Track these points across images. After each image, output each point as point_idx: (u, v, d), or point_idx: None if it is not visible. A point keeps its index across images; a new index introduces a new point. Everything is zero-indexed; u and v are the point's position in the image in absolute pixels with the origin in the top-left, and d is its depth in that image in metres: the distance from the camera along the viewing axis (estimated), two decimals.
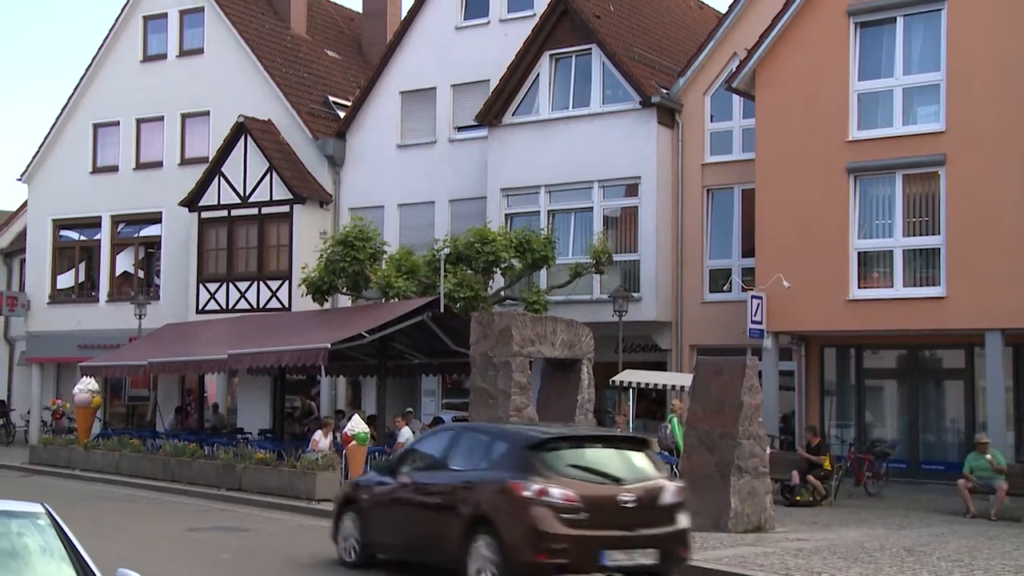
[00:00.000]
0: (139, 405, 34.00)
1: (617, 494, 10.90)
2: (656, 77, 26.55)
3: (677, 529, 11.21)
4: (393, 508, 12.53)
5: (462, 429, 13.46)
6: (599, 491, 10.92)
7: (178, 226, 31.97)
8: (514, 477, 10.87)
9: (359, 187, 30.28)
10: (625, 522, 10.81)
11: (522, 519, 10.60)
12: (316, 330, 23.35)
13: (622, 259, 25.73)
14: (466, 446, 12.14)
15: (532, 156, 26.84)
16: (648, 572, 11.02)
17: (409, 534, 12.21)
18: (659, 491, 11.19)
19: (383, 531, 12.58)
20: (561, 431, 12.43)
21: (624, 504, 10.84)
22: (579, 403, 18.33)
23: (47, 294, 35.42)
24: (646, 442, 12.30)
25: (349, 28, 37.66)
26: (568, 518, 10.57)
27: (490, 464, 11.51)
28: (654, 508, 11.08)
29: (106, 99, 34.24)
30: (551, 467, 10.94)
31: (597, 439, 12.22)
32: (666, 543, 11.05)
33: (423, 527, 11.99)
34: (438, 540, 11.60)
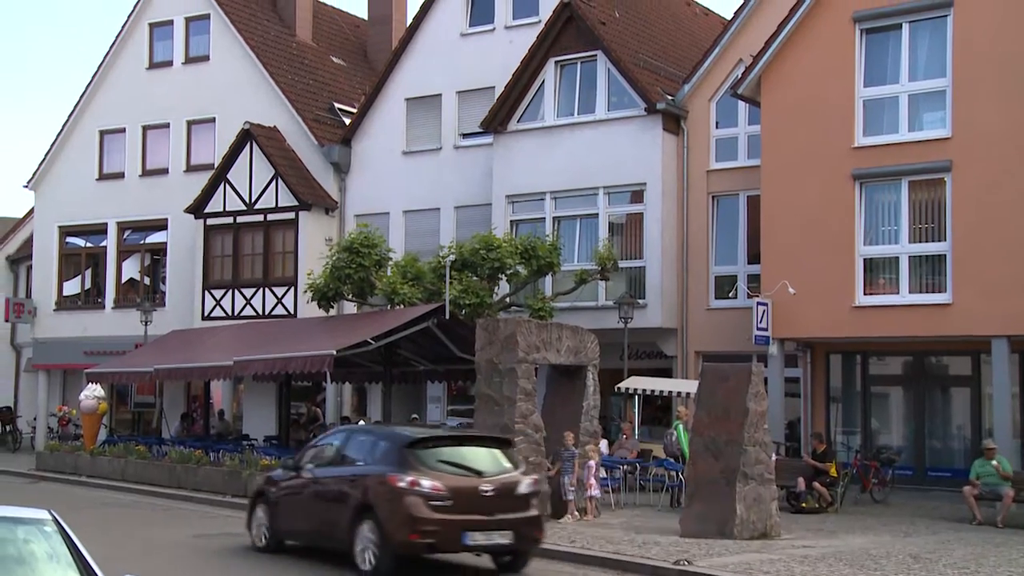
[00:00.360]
0: (145, 412, 34.03)
1: (478, 485, 12.80)
2: (661, 83, 26.56)
3: (531, 515, 13.06)
4: (296, 499, 14.37)
5: (354, 430, 15.50)
6: (463, 482, 12.78)
7: (184, 233, 32.02)
8: (392, 471, 12.73)
9: (364, 194, 30.32)
10: (485, 508, 12.62)
11: (397, 506, 12.46)
12: (321, 337, 23.35)
13: (627, 266, 25.72)
14: (356, 444, 14.13)
15: (537, 163, 26.85)
16: (505, 551, 13.09)
17: (309, 521, 14.07)
18: (515, 483, 13.04)
19: (288, 519, 14.47)
20: (432, 432, 15.01)
21: (484, 493, 12.72)
22: (584, 410, 18.34)
23: (53, 301, 35.48)
24: (508, 441, 14.47)
25: (354, 35, 37.72)
26: (436, 505, 12.42)
27: (374, 460, 13.32)
28: (511, 497, 12.89)
29: (112, 106, 34.33)
30: (423, 462, 12.83)
31: (464, 439, 14.53)
32: (521, 526, 12.92)
33: (320, 515, 13.84)
34: (332, 526, 13.38)
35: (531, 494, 13.14)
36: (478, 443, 14.06)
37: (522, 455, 17.15)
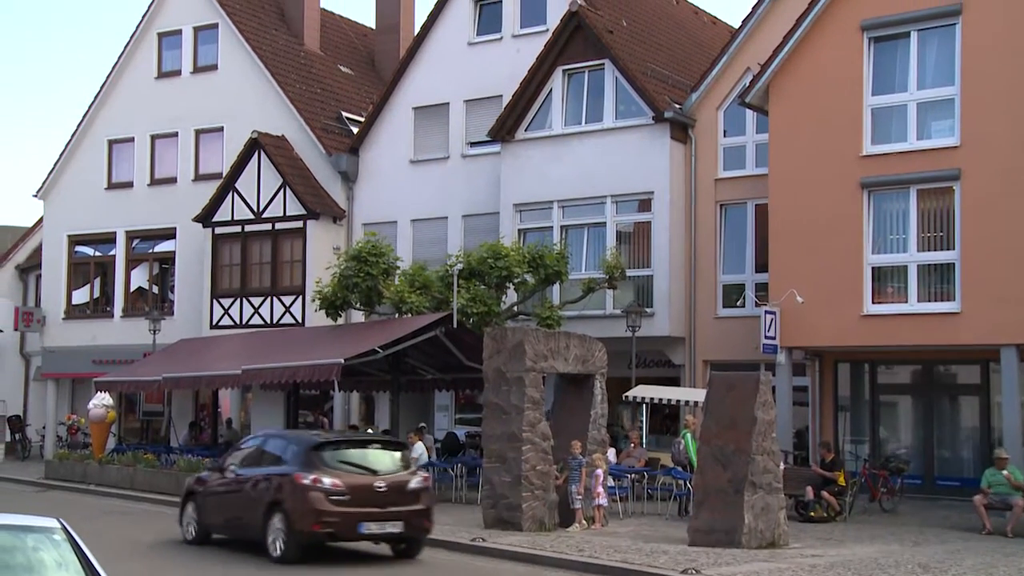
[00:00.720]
0: (153, 420, 34.07)
1: (373, 482, 14.76)
2: (669, 92, 26.57)
3: (419, 508, 15.02)
4: (220, 496, 16.16)
5: (270, 435, 17.14)
6: (359, 480, 14.74)
7: (192, 242, 32.09)
8: (298, 470, 14.67)
9: (372, 202, 30.36)
10: (379, 502, 14.59)
11: (302, 501, 14.36)
12: (329, 345, 23.39)
13: (635, 274, 25.72)
14: (271, 447, 16.01)
15: (545, 171, 26.87)
16: (397, 539, 15.10)
17: (230, 515, 15.93)
18: (406, 480, 15.10)
19: (213, 515, 16.24)
20: (334, 436, 17.43)
21: (378, 489, 14.66)
22: (592, 418, 18.33)
23: (62, 310, 35.57)
24: (402, 444, 17.03)
25: (362, 44, 37.81)
26: (335, 499, 14.35)
27: (284, 461, 15.21)
28: (402, 492, 14.85)
29: (121, 115, 34.44)
30: (326, 463, 14.80)
31: (364, 442, 16.74)
32: (410, 517, 14.84)
33: (239, 510, 15.66)
34: (248, 519, 15.22)
35: (420, 490, 15.14)
36: (376, 446, 16.23)
37: (529, 464, 17.21)
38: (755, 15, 25.63)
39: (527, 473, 17.27)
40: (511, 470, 17.34)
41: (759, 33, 25.35)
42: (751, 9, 25.86)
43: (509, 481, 17.36)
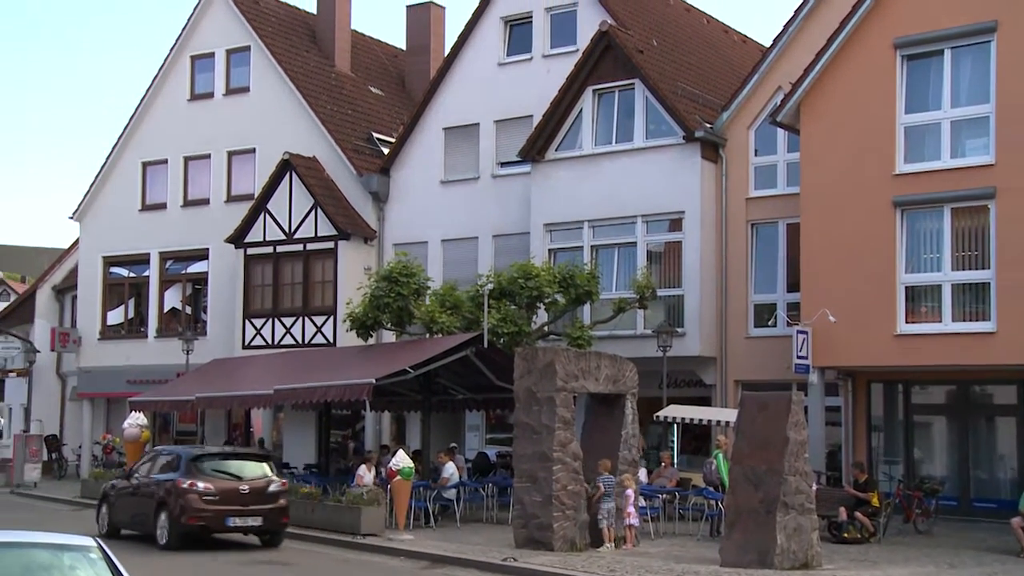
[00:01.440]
0: (187, 440, 34.20)
1: (239, 486, 18.51)
2: (700, 112, 26.55)
3: (277, 506, 18.64)
4: (125, 498, 19.74)
5: (165, 450, 21.24)
6: (227, 484, 18.46)
7: (225, 262, 32.31)
8: (180, 477, 18.40)
9: (403, 223, 30.46)
10: (243, 501, 18.35)
11: (181, 500, 18.12)
12: (361, 365, 23.45)
13: (666, 294, 25.66)
14: (163, 459, 19.82)
15: (575, 191, 26.88)
16: (257, 531, 18.66)
17: (133, 513, 19.48)
18: (267, 484, 18.66)
19: (120, 513, 19.84)
20: (210, 450, 21.05)
21: (242, 491, 18.45)
22: (623, 438, 18.27)
23: (98, 330, 35.89)
24: (268, 456, 20.66)
25: (393, 65, 38.03)
26: (207, 499, 18.16)
27: (171, 470, 18.91)
28: (262, 494, 18.53)
29: (155, 138, 34.78)
30: (202, 471, 18.57)
31: (235, 455, 20.74)
32: (269, 514, 18.50)
33: (138, 508, 19.23)
34: (145, 516, 18.86)
35: (279, 492, 18.81)
36: (244, 458, 20.27)
37: (560, 484, 17.17)
38: (786, 34, 25.58)
39: (558, 493, 17.24)
40: (542, 490, 17.31)
41: (790, 52, 25.28)
42: (782, 28, 25.81)
43: (540, 501, 17.33)
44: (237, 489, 18.46)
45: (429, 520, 21.43)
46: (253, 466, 19.37)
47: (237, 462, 19.62)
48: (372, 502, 19.94)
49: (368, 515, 19.70)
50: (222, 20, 33.65)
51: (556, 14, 28.93)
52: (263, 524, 18.53)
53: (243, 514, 18.37)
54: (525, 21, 29.33)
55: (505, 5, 29.46)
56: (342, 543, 19.29)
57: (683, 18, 33.19)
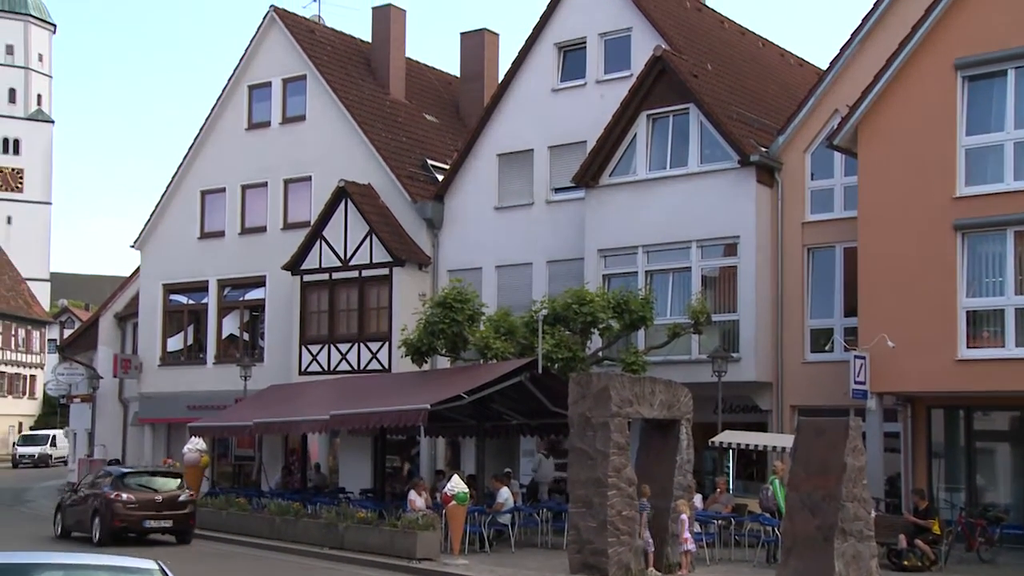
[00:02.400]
0: (245, 464, 34.58)
1: (154, 496, 23.34)
2: (755, 135, 26.42)
3: (185, 512, 23.44)
4: (73, 507, 24.64)
5: (101, 471, 27.07)
6: (145, 495, 23.30)
7: (281, 289, 32.63)
8: (109, 490, 23.29)
9: (457, 249, 30.59)
10: (157, 508, 23.19)
11: (109, 508, 22.92)
12: (416, 391, 23.55)
13: (721, 319, 25.48)
14: (101, 476, 24.97)
15: (630, 216, 26.83)
16: (169, 531, 23.40)
17: (78, 518, 24.25)
18: (177, 495, 23.53)
19: (70, 518, 24.69)
20: (134, 469, 26.72)
21: (157, 501, 23.24)
22: (678, 464, 18.16)
23: (158, 357, 36.39)
24: (178, 474, 25.09)
25: (447, 92, 38.30)
26: (129, 507, 22.96)
27: (104, 485, 23.77)
28: (173, 503, 23.36)
29: (213, 167, 35.30)
30: (126, 485, 23.53)
31: (152, 472, 25.78)
32: (178, 517, 23.35)
33: (80, 515, 24.05)
34: (85, 520, 23.73)
35: (187, 501, 23.60)
36: (161, 475, 25.03)
37: (615, 509, 17.09)
38: (843, 56, 25.36)
39: (613, 518, 17.15)
40: (597, 515, 17.23)
41: (848, 74, 25.07)
42: (839, 50, 25.58)
43: (595, 526, 17.25)
44: (153, 499, 23.32)
45: (484, 545, 21.41)
46: (167, 481, 24.32)
47: (154, 478, 24.65)
48: (427, 527, 19.98)
49: (423, 540, 19.74)
50: (279, 50, 34.14)
51: (610, 39, 28.99)
52: (173, 525, 23.44)
53: (157, 518, 23.25)
54: (579, 47, 29.41)
55: (559, 31, 29.58)
56: (398, 567, 19.35)
57: (738, 42, 33.12)
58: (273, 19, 34.18)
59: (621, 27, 28.72)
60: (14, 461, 61.93)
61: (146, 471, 26.32)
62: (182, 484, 24.14)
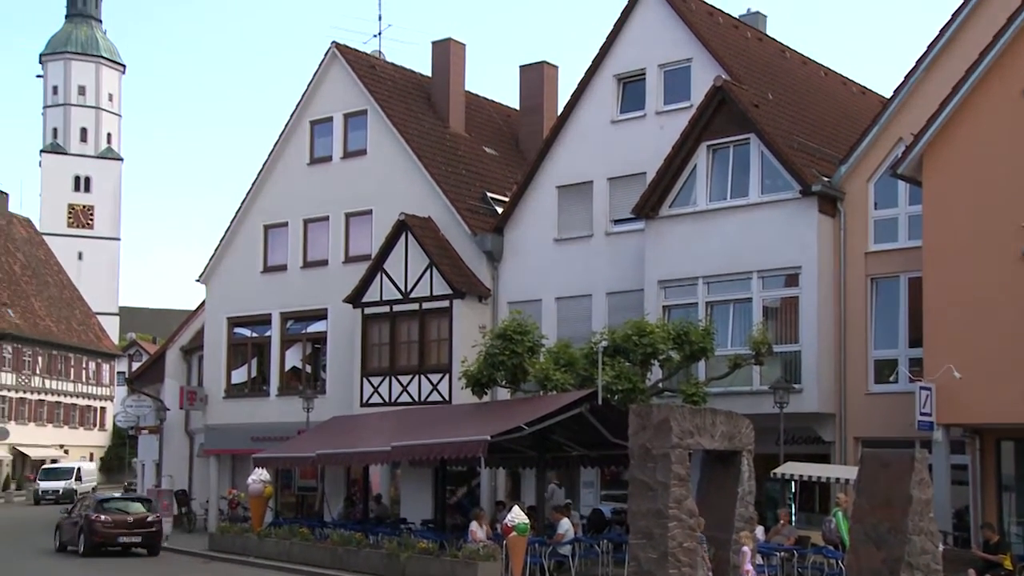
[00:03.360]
0: (308, 495, 34.80)
1: (127, 517, 28.48)
2: (817, 165, 26.22)
3: (152, 530, 28.55)
4: (67, 526, 29.65)
5: (88, 497, 33.59)
6: (120, 517, 28.47)
7: (343, 322, 32.90)
8: (91, 513, 28.58)
9: (517, 281, 30.66)
10: (128, 526, 28.30)
11: (91, 526, 28.15)
12: (476, 423, 23.61)
13: (782, 350, 25.24)
14: (88, 502, 30.35)
15: (690, 247, 26.73)
16: (139, 544, 28.27)
17: (70, 536, 29.23)
18: (146, 516, 28.86)
19: (66, 535, 29.68)
20: (111, 496, 33.28)
21: (128, 521, 28.37)
22: (739, 495, 17.94)
23: (223, 389, 36.84)
24: (148, 500, 31.03)
25: (506, 125, 38.53)
26: (107, 525, 28.06)
27: (88, 508, 29.18)
28: (143, 522, 28.55)
29: (276, 201, 35.77)
30: (105, 508, 28.80)
31: (125, 498, 31.78)
32: (146, 535, 28.45)
33: (72, 532, 29.07)
34: (74, 536, 28.76)
35: (154, 521, 28.98)
36: (135, 501, 30.94)
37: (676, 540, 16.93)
38: (908, 83, 25.07)
39: (674, 550, 16.95)
40: (657, 547, 17.04)
41: (912, 102, 24.76)
42: (904, 78, 25.25)
43: (656, 558, 17.06)
44: (126, 519, 28.70)
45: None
46: (138, 505, 30.11)
47: (128, 503, 30.54)
48: (488, 557, 19.99)
49: (484, 570, 19.76)
50: (340, 85, 34.57)
51: (670, 70, 28.97)
52: (143, 540, 28.57)
53: (129, 535, 28.48)
54: (638, 78, 29.42)
55: (618, 63, 29.65)
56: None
57: (800, 71, 32.96)
58: (335, 55, 34.65)
59: (681, 58, 28.69)
60: (36, 497, 57.38)
61: (121, 497, 33.12)
62: (152, 507, 30.13)
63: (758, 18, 34.27)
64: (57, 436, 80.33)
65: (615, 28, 29.64)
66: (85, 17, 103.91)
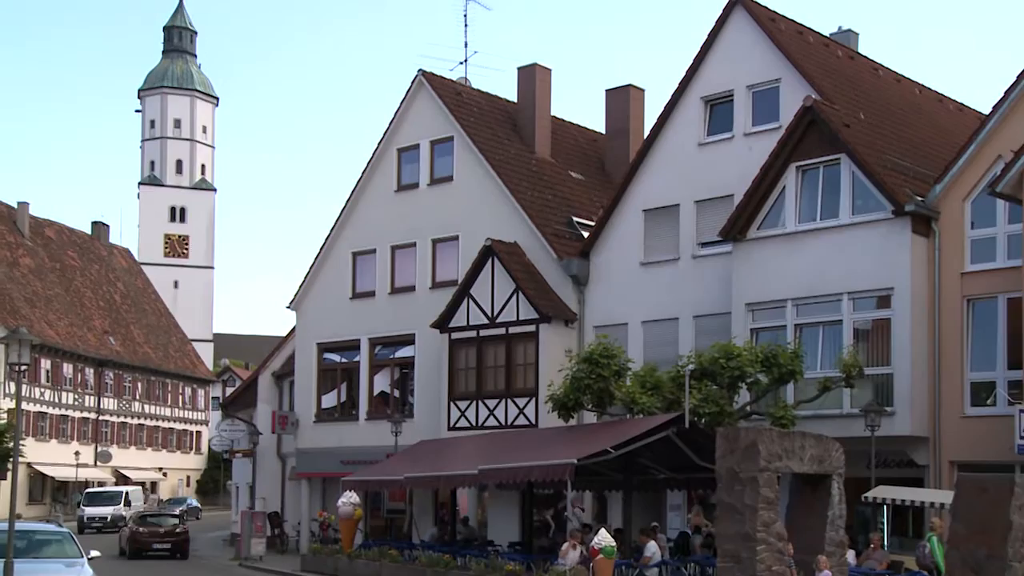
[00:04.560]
0: (397, 518, 35.03)
1: (159, 529, 37.74)
2: (910, 184, 25.70)
3: (181, 539, 37.22)
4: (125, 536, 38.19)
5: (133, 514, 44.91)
6: (154, 528, 37.67)
7: (430, 347, 33.13)
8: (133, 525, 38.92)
9: (603, 305, 30.56)
10: (160, 536, 37.21)
11: (131, 535, 37.54)
12: (562, 446, 23.61)
13: (874, 372, 24.75)
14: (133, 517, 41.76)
15: (778, 270, 26.39)
16: (170, 550, 36.67)
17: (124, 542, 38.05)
18: (175, 527, 37.93)
19: (123, 541, 37.98)
20: (147, 511, 46.33)
21: (160, 531, 37.46)
22: (829, 519, 17.65)
23: (313, 413, 37.34)
24: (177, 515, 41.33)
25: (592, 149, 38.53)
26: (143, 535, 37.18)
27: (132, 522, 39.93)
28: (172, 532, 37.47)
29: (364, 229, 36.19)
30: (144, 522, 38.44)
31: (159, 514, 42.61)
32: (176, 541, 37.10)
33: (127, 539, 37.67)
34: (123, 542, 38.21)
35: (183, 531, 37.30)
36: (167, 516, 40.53)
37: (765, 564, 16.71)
38: (1008, 100, 24.39)
39: (762, 573, 16.71)
40: (746, 570, 16.82)
41: (1012, 118, 24.11)
42: (1003, 94, 24.64)
43: None
44: (158, 531, 37.39)
45: None
46: (169, 519, 39.50)
47: (161, 517, 40.32)
48: None
49: None
50: (427, 112, 34.92)
51: (758, 91, 28.64)
52: (171, 547, 36.80)
53: (161, 542, 36.91)
54: (726, 100, 29.16)
55: (706, 85, 29.44)
56: None
57: (893, 88, 32.36)
58: (421, 83, 35.04)
59: (770, 79, 28.33)
60: (80, 525, 52.15)
61: (157, 513, 44.21)
62: (179, 519, 39.83)
63: (850, 36, 33.72)
64: (156, 459, 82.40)
65: (702, 50, 29.48)
66: (181, 52, 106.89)
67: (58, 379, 70.54)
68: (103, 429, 75.80)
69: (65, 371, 71.38)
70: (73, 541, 19.49)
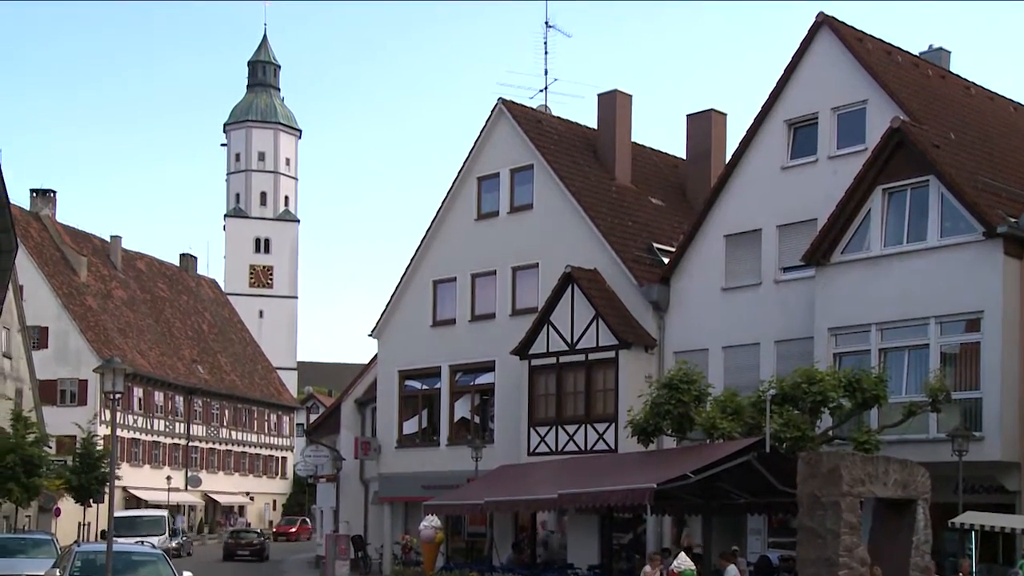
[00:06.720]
0: (477, 541, 35.11)
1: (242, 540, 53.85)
2: (1003, 205, 25.14)
3: (260, 547, 52.98)
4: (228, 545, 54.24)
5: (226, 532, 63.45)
6: (242, 541, 53.77)
7: (510, 373, 33.19)
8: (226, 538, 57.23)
9: (683, 331, 30.35)
10: (243, 545, 52.94)
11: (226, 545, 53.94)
12: (642, 471, 23.56)
13: (961, 396, 24.18)
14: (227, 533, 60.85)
15: (862, 294, 25.98)
16: (251, 555, 51.99)
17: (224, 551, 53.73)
18: (253, 540, 54.01)
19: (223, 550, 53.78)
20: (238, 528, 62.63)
21: (243, 542, 53.49)
22: (914, 544, 17.38)
23: (395, 439, 37.64)
24: (259, 533, 58.31)
25: (672, 174, 38.37)
26: (232, 544, 53.35)
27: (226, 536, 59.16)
28: (252, 544, 53.24)
29: (444, 257, 36.45)
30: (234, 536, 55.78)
31: (246, 531, 59.05)
32: (256, 550, 52.60)
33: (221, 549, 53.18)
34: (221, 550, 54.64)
35: (262, 540, 54.12)
36: (250, 532, 57.42)
37: None
38: None
39: None
40: None
41: None
42: None
43: None
44: (241, 542, 52.01)
45: None
46: (251, 534, 54.53)
47: (246, 533, 55.76)
48: None
49: None
50: (507, 141, 35.11)
51: (843, 113, 28.20)
52: (251, 553, 50.56)
53: (244, 549, 51.07)
54: (810, 123, 28.76)
55: (789, 108, 29.11)
56: None
57: (986, 107, 31.63)
58: (501, 111, 35.28)
59: (856, 100, 27.88)
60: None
61: (243, 530, 57.98)
62: (259, 535, 54.82)
63: (941, 55, 32.96)
64: (243, 484, 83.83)
65: (786, 72, 29.18)
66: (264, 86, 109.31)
67: (150, 407, 72.31)
68: (192, 455, 77.42)
69: (156, 399, 73.16)
70: (167, 563, 20.03)
